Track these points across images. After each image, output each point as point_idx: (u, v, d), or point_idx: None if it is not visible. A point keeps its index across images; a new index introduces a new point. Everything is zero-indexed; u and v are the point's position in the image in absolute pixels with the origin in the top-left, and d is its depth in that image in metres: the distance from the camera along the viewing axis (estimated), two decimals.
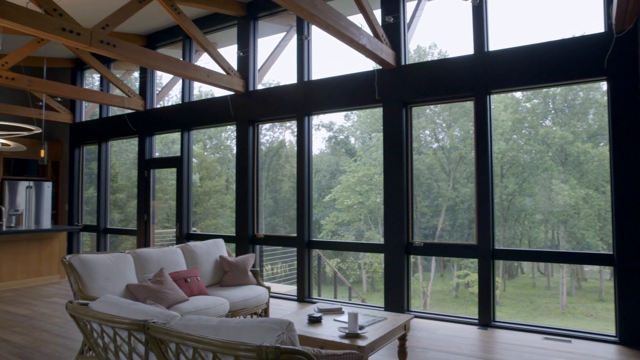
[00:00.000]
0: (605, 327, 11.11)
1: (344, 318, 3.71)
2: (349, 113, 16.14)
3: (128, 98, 8.38)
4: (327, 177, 16.72)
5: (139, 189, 8.72)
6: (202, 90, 15.28)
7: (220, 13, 7.36)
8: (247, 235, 7.18)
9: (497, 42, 5.48)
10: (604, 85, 7.60)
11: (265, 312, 5.20)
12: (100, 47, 5.12)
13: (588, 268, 13.44)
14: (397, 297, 5.85)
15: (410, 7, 6.21)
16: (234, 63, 7.39)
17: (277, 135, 16.79)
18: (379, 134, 15.02)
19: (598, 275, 13.36)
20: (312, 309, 4.02)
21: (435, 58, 14.26)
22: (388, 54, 5.73)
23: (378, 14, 6.03)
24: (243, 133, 7.32)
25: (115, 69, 9.82)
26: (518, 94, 13.48)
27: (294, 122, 6.92)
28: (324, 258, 11.11)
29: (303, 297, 6.61)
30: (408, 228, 5.89)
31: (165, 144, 15.26)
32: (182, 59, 7.85)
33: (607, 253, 4.96)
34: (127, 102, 8.35)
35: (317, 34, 6.90)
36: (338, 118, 17.09)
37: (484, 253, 5.33)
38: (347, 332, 3.30)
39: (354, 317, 3.33)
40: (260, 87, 7.49)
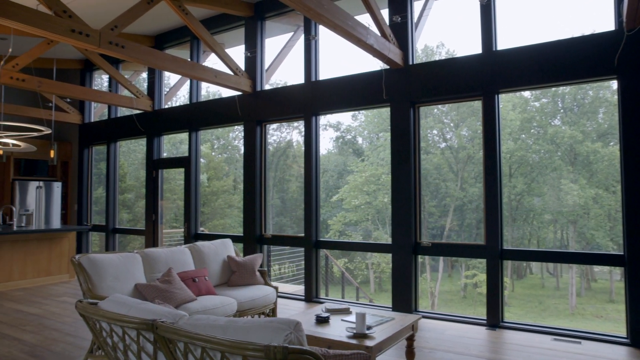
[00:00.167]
0: (616, 328, 11.01)
1: (352, 318, 3.70)
2: (357, 113, 16.12)
3: (136, 99, 8.43)
4: (334, 177, 16.71)
5: (147, 189, 8.77)
6: (209, 91, 15.34)
7: (228, 13, 7.39)
8: (254, 235, 7.19)
9: (505, 41, 5.45)
10: (614, 84, 7.52)
11: (273, 312, 5.21)
12: (109, 48, 5.15)
13: (598, 269, 13.32)
14: (404, 297, 5.83)
15: (418, 6, 6.19)
16: (242, 63, 7.41)
17: (284, 136, 16.81)
18: (387, 134, 14.99)
19: (608, 276, 13.23)
20: (319, 309, 4.02)
21: (443, 57, 14.20)
22: (395, 54, 5.71)
23: (385, 14, 6.02)
24: (250, 133, 7.33)
25: (124, 70, 9.88)
26: (526, 93, 13.38)
27: (302, 122, 6.92)
28: (332, 258, 11.11)
29: (310, 297, 6.61)
30: (416, 228, 5.87)
31: (173, 144, 15.34)
32: (189, 60, 7.88)
33: (617, 254, 4.91)
34: (135, 102, 8.40)
35: (324, 34, 6.90)
36: (345, 118, 17.09)
37: (492, 253, 5.30)
38: (354, 332, 3.30)
39: (362, 317, 3.32)
40: (268, 87, 7.51)
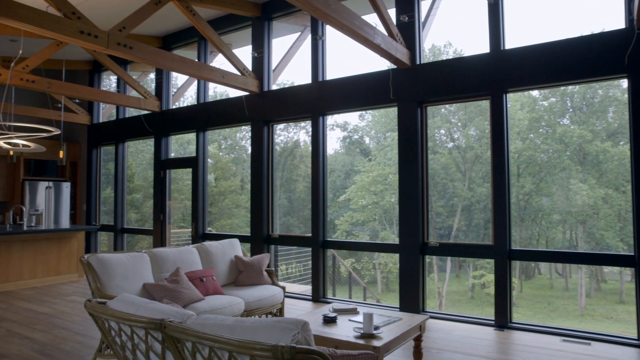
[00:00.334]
0: (626, 329, 10.88)
1: (359, 318, 3.70)
2: (364, 113, 16.09)
3: (144, 99, 8.48)
4: (341, 177, 16.70)
5: (155, 189, 8.81)
6: (217, 91, 15.39)
7: (235, 14, 7.40)
8: (262, 235, 7.21)
9: (513, 40, 5.41)
10: (625, 83, 7.44)
11: (280, 311, 5.21)
12: (117, 49, 5.18)
13: (608, 269, 13.18)
14: (412, 297, 5.81)
15: (425, 5, 6.17)
16: (249, 64, 7.43)
17: (291, 136, 16.82)
18: (394, 134, 14.95)
19: (618, 277, 13.10)
20: (326, 309, 4.02)
21: (451, 57, 14.14)
22: (403, 53, 5.69)
23: (393, 13, 6.00)
24: (258, 133, 7.35)
25: (132, 71, 9.94)
26: (535, 93, 13.29)
27: (309, 122, 6.92)
28: (339, 258, 11.10)
29: (318, 297, 6.61)
30: (423, 228, 5.85)
31: (181, 145, 15.40)
32: (197, 60, 7.91)
33: (628, 254, 4.86)
34: (143, 103, 8.45)
35: (331, 34, 6.89)
36: (352, 118, 17.07)
37: (501, 253, 5.27)
38: (362, 332, 3.29)
39: (369, 317, 3.32)
40: (275, 87, 7.52)
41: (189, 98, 13.13)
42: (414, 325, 3.61)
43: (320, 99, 6.70)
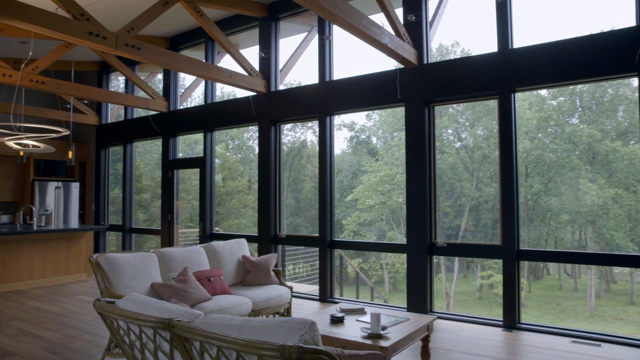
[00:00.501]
0: (637, 331, 10.78)
1: (367, 318, 3.69)
2: (371, 113, 16.06)
3: (152, 100, 8.52)
4: (348, 177, 16.68)
5: (163, 189, 8.86)
6: (224, 92, 15.43)
7: (242, 14, 7.42)
8: (269, 235, 7.22)
9: (521, 39, 5.37)
10: (635, 82, 7.35)
11: (288, 311, 5.21)
12: (126, 50, 5.22)
13: (618, 270, 13.04)
14: (419, 297, 5.79)
15: (433, 5, 6.15)
16: (256, 64, 7.44)
17: (298, 136, 16.83)
18: (401, 133, 14.91)
19: (629, 278, 12.96)
20: (334, 309, 4.02)
21: (458, 56, 14.08)
22: (410, 53, 5.68)
23: (400, 13, 5.99)
24: (265, 133, 7.36)
25: (140, 71, 10.00)
26: (543, 92, 13.19)
27: (316, 122, 6.92)
28: (346, 258, 11.09)
29: (325, 297, 6.61)
30: (431, 228, 5.83)
31: (189, 145, 15.47)
32: (204, 61, 7.94)
33: (638, 255, 4.81)
34: (151, 103, 8.50)
35: (338, 34, 6.89)
36: (359, 118, 17.05)
37: (509, 254, 5.24)
38: (369, 332, 3.28)
39: (377, 317, 3.31)
40: (282, 87, 7.52)
41: (197, 98, 13.19)
42: (422, 326, 3.59)
43: (328, 99, 6.70)
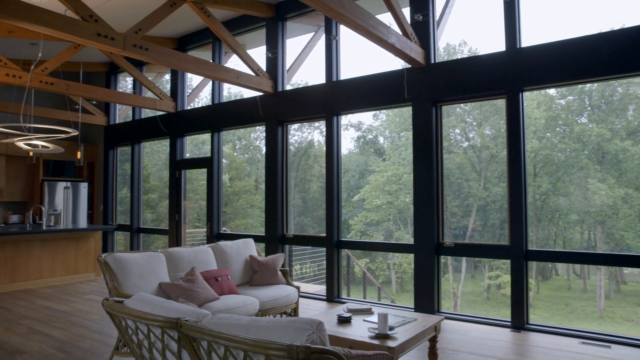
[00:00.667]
0: None
1: (374, 318, 3.69)
2: (378, 112, 16.03)
3: (160, 100, 8.57)
4: (355, 176, 16.66)
5: (171, 190, 8.90)
6: (231, 92, 15.47)
7: (249, 15, 7.44)
8: (276, 235, 7.23)
9: (530, 38, 5.33)
10: None
11: (295, 311, 5.22)
12: (133, 50, 5.25)
13: (628, 270, 12.91)
14: (427, 298, 5.77)
15: (440, 4, 6.12)
16: (263, 64, 7.45)
17: (305, 136, 16.84)
18: (408, 133, 14.87)
19: (639, 279, 12.84)
20: (341, 309, 4.01)
21: (466, 56, 14.02)
22: (417, 53, 5.66)
23: (407, 12, 5.97)
24: (272, 133, 7.37)
25: (147, 72, 10.05)
26: (552, 91, 13.09)
27: (323, 122, 6.92)
28: (353, 258, 11.07)
29: (332, 297, 6.61)
30: (438, 228, 5.80)
31: (196, 145, 15.52)
32: (211, 61, 7.97)
33: None
34: (158, 104, 8.54)
35: (345, 34, 6.88)
36: (366, 117, 17.01)
37: (517, 254, 5.20)
38: (376, 332, 3.28)
39: (384, 317, 3.30)
40: (289, 87, 7.53)
41: (204, 99, 13.22)
42: (429, 326, 3.58)
43: (334, 99, 6.69)
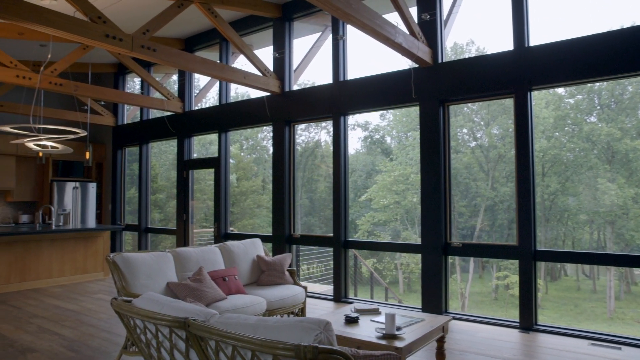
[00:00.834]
0: None
1: (381, 318, 3.68)
2: (385, 112, 16.00)
3: (167, 101, 8.61)
4: (362, 176, 16.63)
5: (178, 190, 8.94)
6: (238, 92, 15.50)
7: (256, 15, 7.45)
8: (283, 235, 7.23)
9: (538, 36, 5.30)
10: None
11: (302, 311, 5.22)
12: (141, 51, 5.28)
13: (638, 271, 12.79)
14: (434, 298, 5.75)
15: (447, 3, 6.10)
16: (270, 64, 7.47)
17: (312, 136, 16.83)
18: (415, 133, 14.82)
19: None
20: (348, 309, 4.01)
21: (473, 55, 13.95)
22: (424, 52, 5.64)
23: (414, 12, 5.96)
24: (279, 133, 7.38)
25: (155, 73, 10.11)
26: (560, 90, 12.98)
27: (330, 122, 6.92)
28: (360, 258, 11.06)
29: (339, 297, 6.60)
30: (446, 228, 5.78)
31: (203, 145, 15.58)
32: (219, 62, 7.99)
33: None
34: (166, 104, 8.58)
35: (352, 34, 6.88)
36: (373, 117, 16.98)
37: (525, 254, 5.17)
38: (384, 332, 3.27)
39: (391, 317, 3.29)
40: (296, 87, 7.54)
41: (211, 99, 13.26)
42: (437, 326, 3.57)
43: (341, 99, 6.69)
